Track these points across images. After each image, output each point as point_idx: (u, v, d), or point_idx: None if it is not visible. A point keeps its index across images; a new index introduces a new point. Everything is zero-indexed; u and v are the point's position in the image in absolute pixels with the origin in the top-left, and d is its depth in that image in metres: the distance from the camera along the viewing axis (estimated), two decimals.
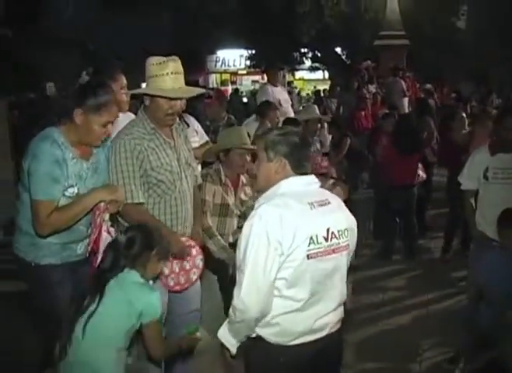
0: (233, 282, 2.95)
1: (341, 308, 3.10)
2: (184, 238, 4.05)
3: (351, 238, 3.03)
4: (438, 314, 6.17)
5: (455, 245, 8.04)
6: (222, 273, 4.98)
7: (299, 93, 20.77)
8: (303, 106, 11.14)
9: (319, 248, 2.82)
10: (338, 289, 3.00)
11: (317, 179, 3.05)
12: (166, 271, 3.99)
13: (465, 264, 7.27)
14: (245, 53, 26.68)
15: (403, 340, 5.59)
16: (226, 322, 2.99)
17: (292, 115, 7.89)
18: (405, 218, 8.04)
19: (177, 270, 4.06)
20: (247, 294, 2.77)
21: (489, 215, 4.77)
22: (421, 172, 7.93)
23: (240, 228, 5.09)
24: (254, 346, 2.95)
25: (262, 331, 2.88)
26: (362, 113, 11.86)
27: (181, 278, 4.08)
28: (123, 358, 3.35)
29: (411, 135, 7.77)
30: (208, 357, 4.75)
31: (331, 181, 7.06)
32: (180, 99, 3.90)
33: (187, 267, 4.09)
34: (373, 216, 8.82)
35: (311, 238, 2.80)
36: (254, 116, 7.54)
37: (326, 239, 2.86)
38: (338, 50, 24.24)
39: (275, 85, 8.24)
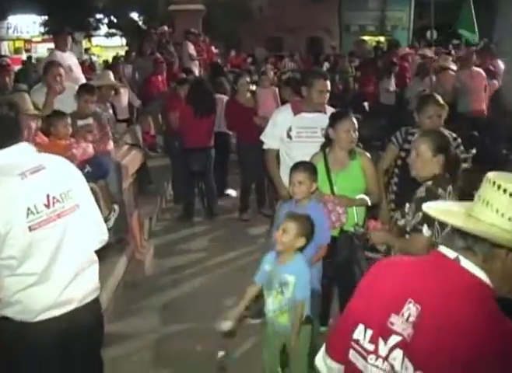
0: None
1: (92, 277, 2.99)
2: None
3: (79, 198, 2.91)
4: (241, 271, 6.20)
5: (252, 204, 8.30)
6: None
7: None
8: (98, 73, 10.81)
9: (40, 217, 2.70)
10: (76, 255, 2.86)
11: (30, 146, 2.88)
12: None
13: (263, 221, 7.64)
14: (38, 19, 25.29)
15: (208, 300, 5.67)
16: None
17: (83, 80, 7.61)
18: (203, 180, 8.14)
19: None
20: None
21: None
22: None
23: None
24: None
25: (5, 311, 2.73)
26: (159, 77, 11.75)
27: None
28: None
29: (204, 98, 7.82)
30: None
31: (126, 146, 7.01)
32: None
33: None
34: (171, 180, 8.86)
35: (29, 209, 2.66)
36: (41, 82, 7.17)
37: (47, 206, 2.73)
38: (135, 15, 23.82)
39: (64, 51, 7.92)
